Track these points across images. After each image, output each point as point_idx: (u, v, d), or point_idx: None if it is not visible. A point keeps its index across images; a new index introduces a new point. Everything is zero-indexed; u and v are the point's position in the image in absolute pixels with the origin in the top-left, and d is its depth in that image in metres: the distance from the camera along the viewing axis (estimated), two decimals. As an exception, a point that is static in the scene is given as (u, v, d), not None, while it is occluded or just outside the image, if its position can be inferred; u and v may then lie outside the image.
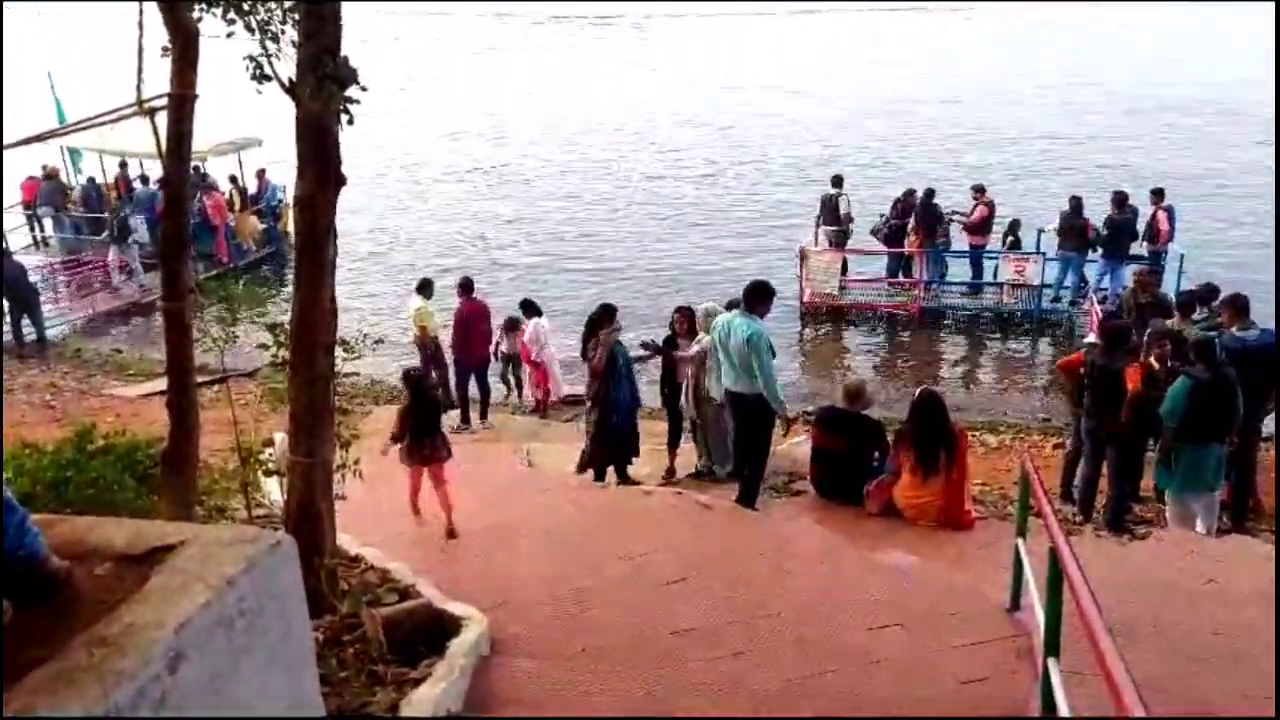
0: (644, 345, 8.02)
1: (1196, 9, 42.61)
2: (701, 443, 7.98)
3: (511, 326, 11.45)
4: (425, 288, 11.13)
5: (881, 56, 32.19)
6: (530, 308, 11.22)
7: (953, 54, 34.28)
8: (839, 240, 15.12)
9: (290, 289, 4.31)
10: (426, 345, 11.16)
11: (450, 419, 10.33)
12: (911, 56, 33.80)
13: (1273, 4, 12.79)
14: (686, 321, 8.11)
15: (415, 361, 10.41)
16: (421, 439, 6.83)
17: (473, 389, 10.83)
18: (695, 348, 7.80)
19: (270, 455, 5.39)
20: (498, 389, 11.54)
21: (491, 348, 11.19)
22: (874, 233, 15.17)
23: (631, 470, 8.13)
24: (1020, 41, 38.24)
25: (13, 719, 1.72)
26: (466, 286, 10.81)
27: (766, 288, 6.91)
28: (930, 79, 31.63)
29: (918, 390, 6.83)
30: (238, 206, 19.10)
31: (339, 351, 4.72)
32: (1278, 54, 11.44)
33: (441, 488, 6.73)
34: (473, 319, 10.62)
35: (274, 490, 6.07)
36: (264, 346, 4.97)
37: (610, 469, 8.09)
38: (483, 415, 10.57)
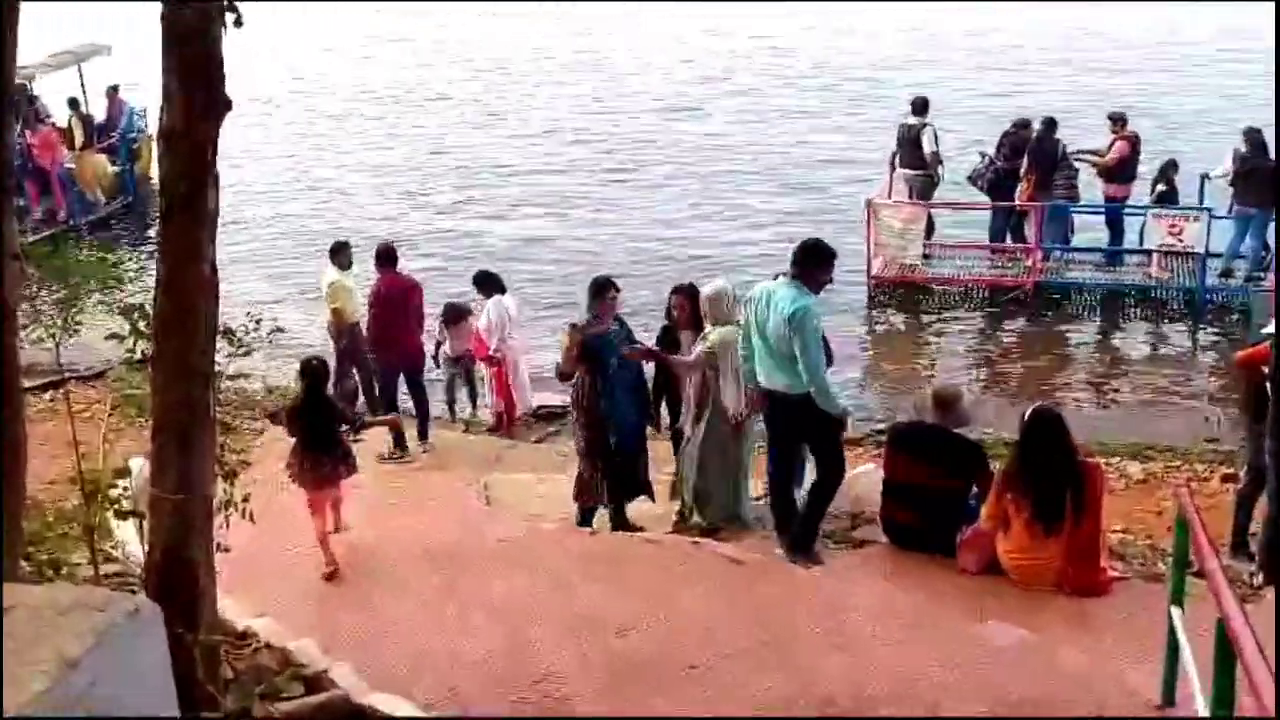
0: (627, 352, 7.83)
1: None
2: (687, 476, 7.89)
3: (455, 317, 11.51)
4: (340, 253, 11.21)
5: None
6: (489, 283, 11.21)
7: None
8: (922, 189, 15.17)
9: (154, 257, 4.33)
10: (343, 334, 11.21)
11: (375, 441, 10.36)
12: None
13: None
14: (688, 306, 7.98)
15: (330, 355, 10.45)
16: (319, 452, 7.08)
17: (405, 399, 10.91)
18: (699, 347, 7.65)
19: (125, 489, 5.40)
20: (441, 408, 11.65)
21: (430, 348, 11.30)
22: (972, 179, 15.23)
23: (633, 511, 8.15)
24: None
25: (13, 719, 1.91)
26: (386, 256, 10.65)
27: (824, 249, 6.98)
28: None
29: (1029, 408, 6.82)
30: (79, 142, 19.16)
31: (222, 345, 4.73)
32: (1278, 52, 12.52)
33: (336, 511, 7.24)
34: (398, 301, 10.52)
35: (130, 538, 6.08)
36: (117, 337, 4.98)
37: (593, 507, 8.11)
38: (421, 434, 10.58)
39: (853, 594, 6.30)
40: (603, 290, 7.84)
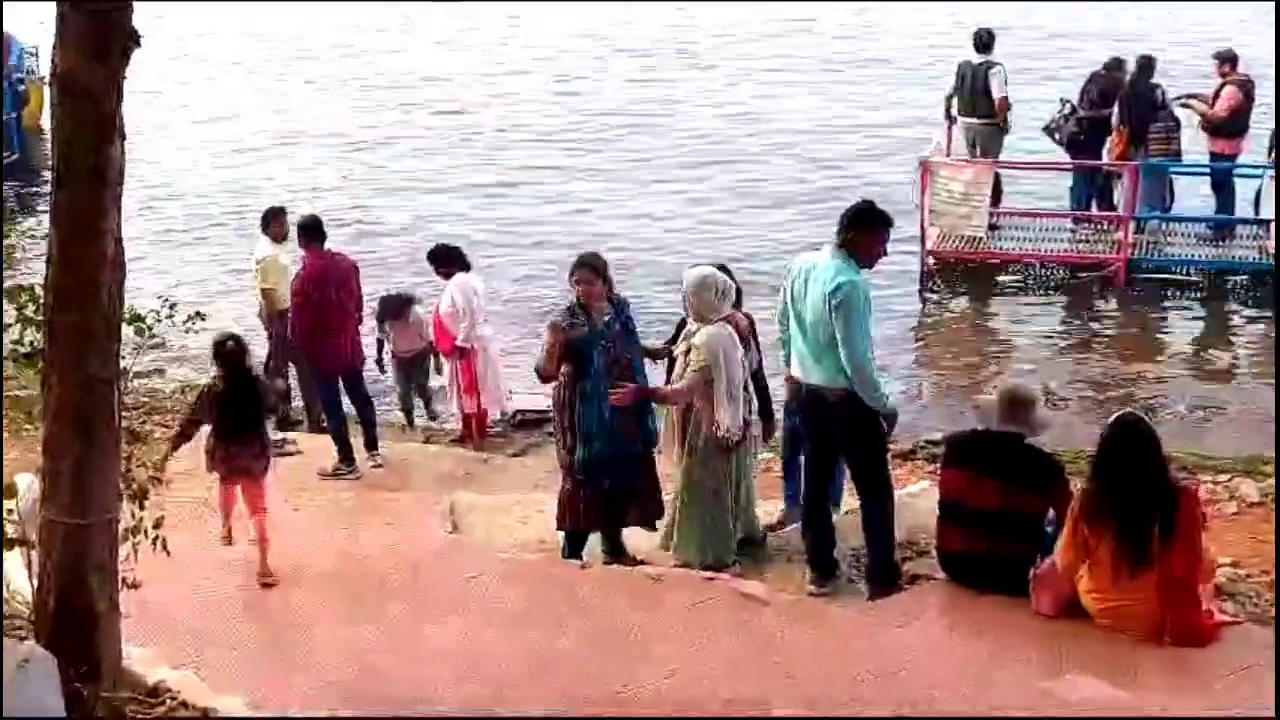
0: (614, 399, 7.74)
1: None
2: (677, 518, 7.81)
3: (397, 311, 11.48)
4: (275, 222, 11.22)
5: None
6: (448, 257, 11.17)
7: None
8: (988, 143, 15.13)
9: (44, 226, 4.34)
10: (275, 320, 11.19)
11: (317, 454, 10.38)
12: None
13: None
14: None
15: (258, 345, 10.48)
16: (233, 440, 7.57)
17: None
18: (684, 352, 7.60)
19: (10, 512, 5.40)
20: (390, 418, 11.71)
21: (373, 350, 11.33)
22: (1050, 131, 15.23)
23: (630, 539, 8.16)
24: None
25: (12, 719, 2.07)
26: (311, 230, 10.43)
27: (876, 213, 7.05)
28: None
29: (1113, 416, 6.80)
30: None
31: (128, 334, 4.73)
32: (1278, 52, 13.97)
33: (258, 515, 7.61)
34: (331, 286, 10.31)
35: (15, 571, 6.08)
36: (-2, 325, 4.98)
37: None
38: (369, 443, 10.58)
39: (903, 643, 6.30)
40: (575, 271, 7.82)
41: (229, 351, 7.52)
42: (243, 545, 7.74)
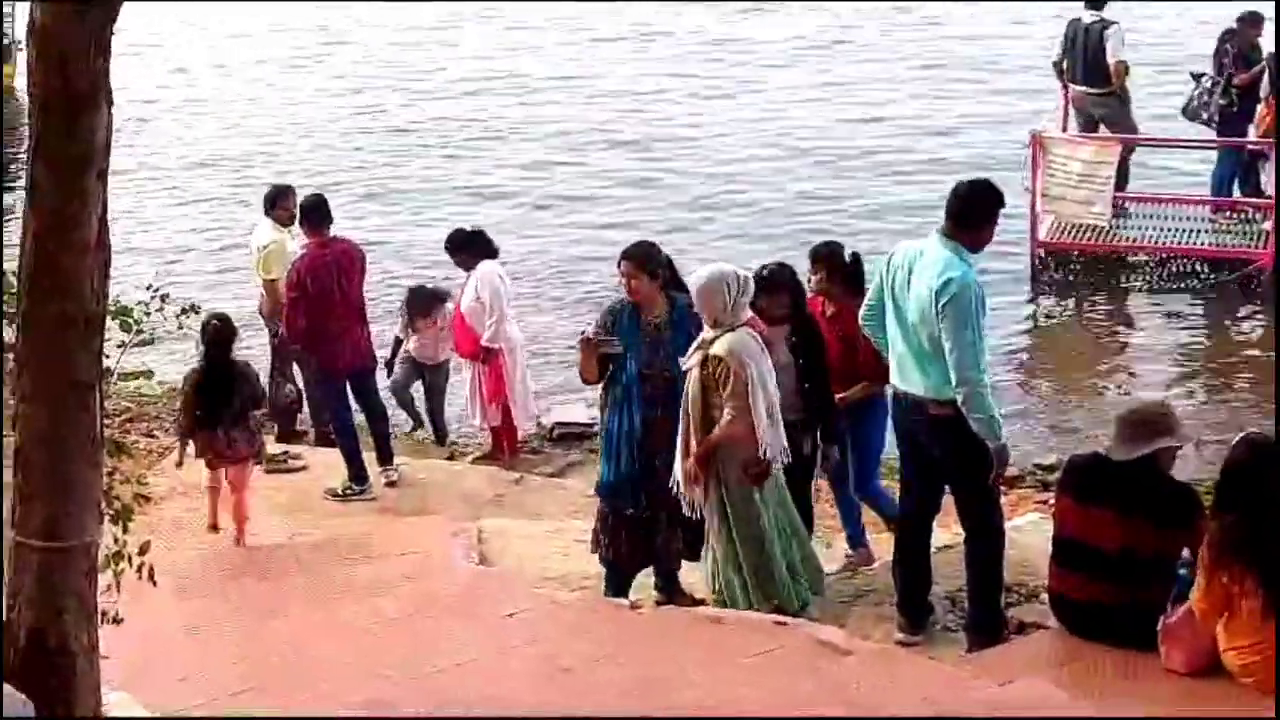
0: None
1: None
2: (714, 558, 7.71)
3: (425, 307, 11.55)
4: (280, 203, 11.32)
5: None
6: (474, 244, 11.20)
7: None
8: (1113, 115, 15.08)
9: (20, 205, 4.37)
10: (279, 315, 11.28)
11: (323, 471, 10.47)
12: None
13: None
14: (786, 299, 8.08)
15: (260, 346, 10.59)
16: (216, 425, 8.73)
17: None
18: (693, 363, 7.46)
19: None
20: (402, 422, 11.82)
21: (391, 350, 11.47)
22: (1192, 113, 15.16)
23: (689, 576, 8.17)
24: None
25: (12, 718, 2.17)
26: (315, 212, 10.60)
27: (992, 193, 7.07)
28: None
29: (1236, 439, 6.75)
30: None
31: (113, 329, 4.77)
32: (1278, 52, 14.11)
33: (239, 493, 9.01)
34: (337, 275, 10.42)
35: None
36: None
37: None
38: (383, 458, 10.66)
39: (1006, 703, 6.25)
40: (619, 263, 7.94)
41: (214, 329, 8.47)
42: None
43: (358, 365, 10.60)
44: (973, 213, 6.99)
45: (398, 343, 11.66)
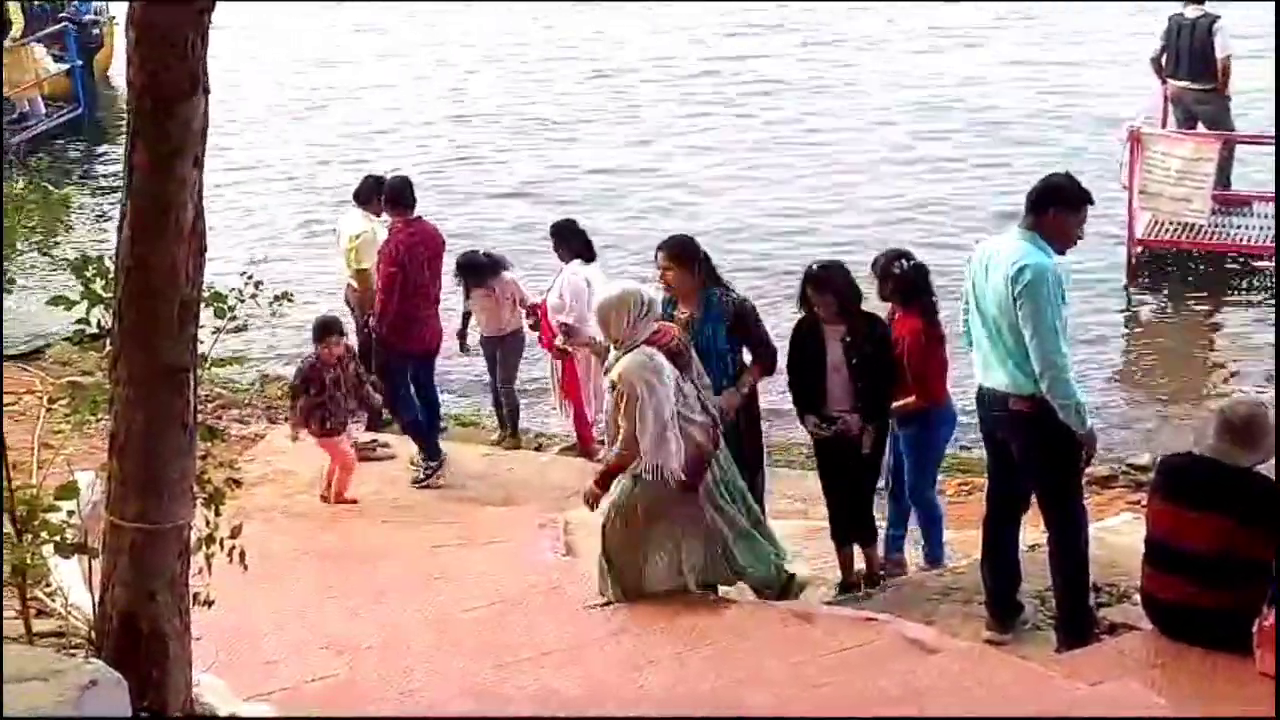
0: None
1: None
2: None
3: (477, 277, 11.27)
4: (372, 193, 11.36)
5: None
6: (572, 239, 11.22)
7: None
8: (1214, 114, 14.89)
9: (117, 190, 4.42)
10: (368, 305, 11.35)
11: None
12: None
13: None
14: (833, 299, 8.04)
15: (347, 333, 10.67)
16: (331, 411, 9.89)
17: None
18: (620, 421, 7.38)
19: (70, 516, 5.54)
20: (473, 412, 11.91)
21: (461, 322, 11.44)
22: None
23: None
24: None
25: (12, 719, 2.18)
26: (402, 194, 10.72)
27: (1073, 188, 7.03)
28: None
29: None
30: (17, 29, 19.70)
31: (208, 318, 4.81)
32: (1278, 54, 14.19)
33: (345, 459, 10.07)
34: (425, 261, 10.61)
35: (74, 582, 6.22)
36: (63, 302, 5.10)
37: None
38: (430, 452, 10.70)
39: (1095, 703, 6.20)
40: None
41: (328, 324, 9.54)
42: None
43: (430, 349, 10.77)
44: (1047, 203, 6.94)
45: (466, 316, 11.53)
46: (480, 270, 11.25)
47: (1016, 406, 6.97)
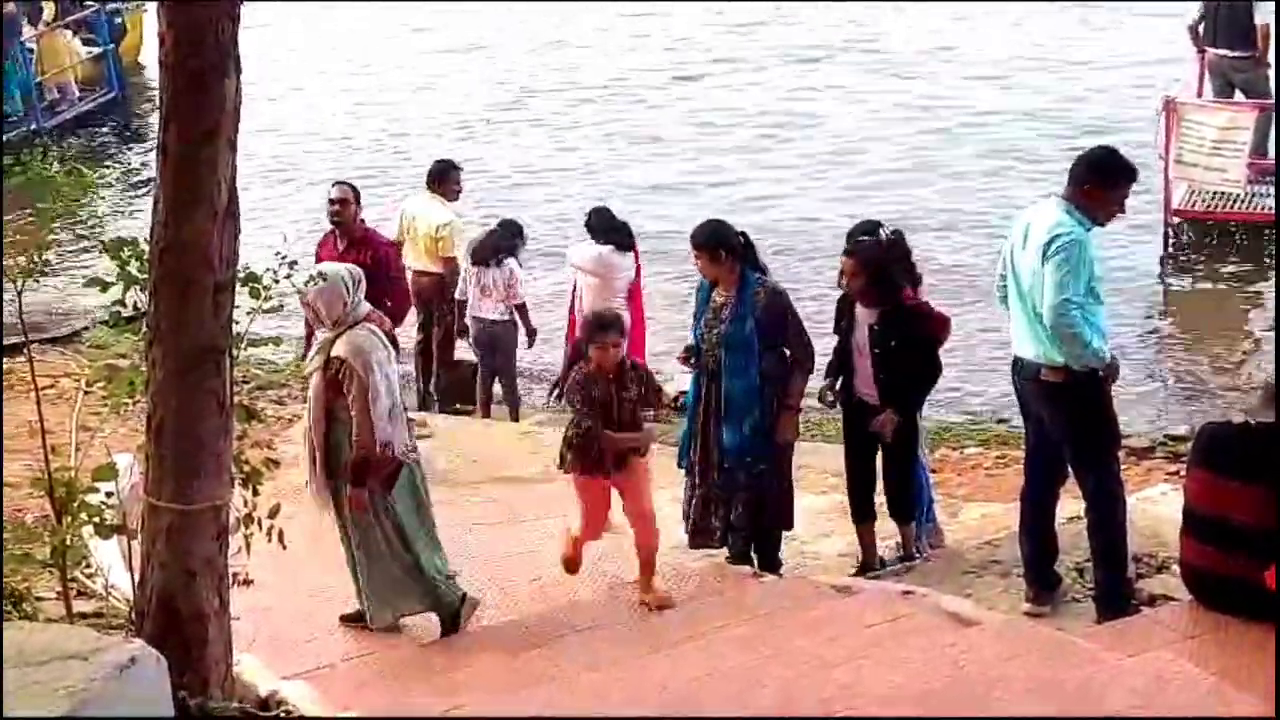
0: None
1: None
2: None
3: (492, 255, 11.29)
4: (444, 177, 11.42)
5: None
6: (611, 231, 11.18)
7: None
8: (1252, 83, 14.77)
9: (149, 173, 4.43)
10: (431, 296, 11.41)
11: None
12: None
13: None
14: (862, 273, 7.96)
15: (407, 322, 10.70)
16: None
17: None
18: (313, 366, 7.19)
19: (109, 497, 5.58)
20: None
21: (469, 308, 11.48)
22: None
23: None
24: None
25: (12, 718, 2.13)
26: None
27: (1118, 161, 7.02)
28: None
29: None
30: (49, 13, 19.80)
31: (243, 298, 4.83)
32: (1278, 49, 13.94)
33: (638, 505, 7.48)
34: None
35: (114, 562, 6.26)
36: (99, 284, 5.13)
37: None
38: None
39: (1133, 675, 6.16)
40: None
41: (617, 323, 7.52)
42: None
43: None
44: (1086, 175, 6.92)
45: (460, 307, 11.54)
46: (493, 250, 11.34)
47: (1048, 377, 6.95)
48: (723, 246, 7.93)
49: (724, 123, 19.86)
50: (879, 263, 8.01)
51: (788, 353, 7.97)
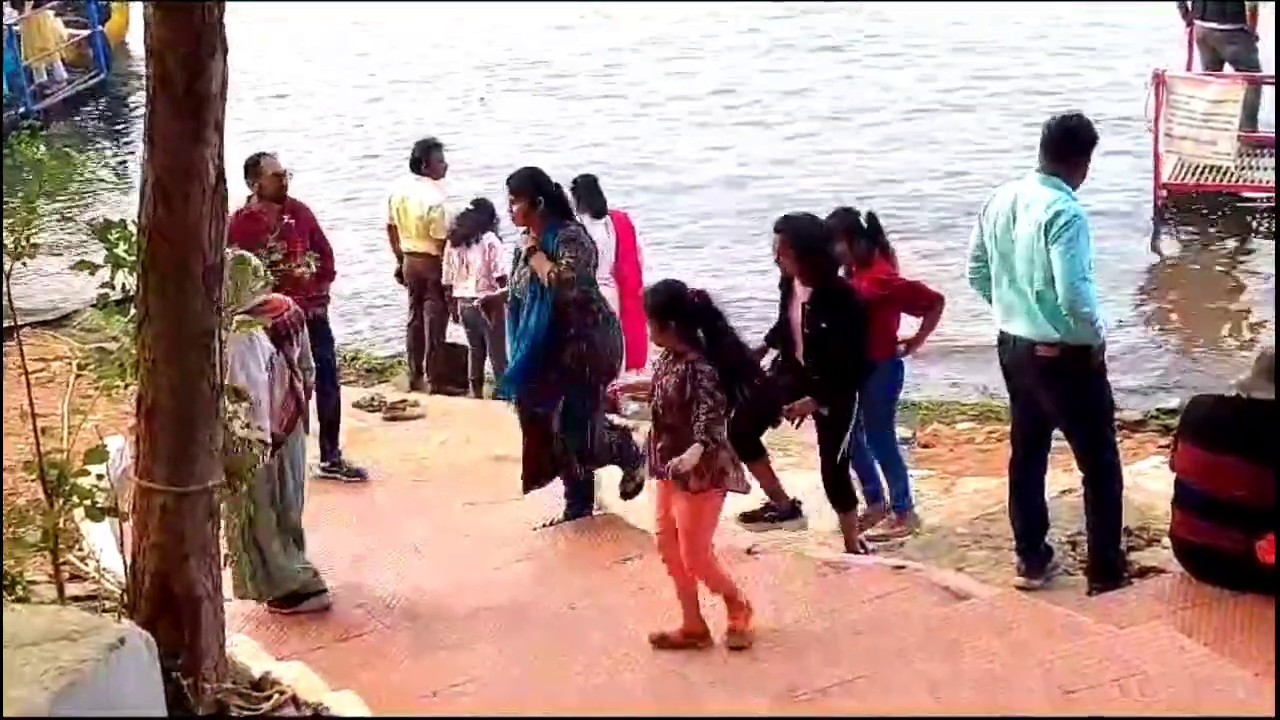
0: None
1: None
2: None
3: (469, 233, 11.30)
4: (428, 158, 11.38)
5: None
6: (589, 196, 11.15)
7: None
8: (1241, 55, 14.81)
9: (137, 155, 4.43)
10: (424, 276, 11.43)
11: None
12: None
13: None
14: (791, 251, 7.69)
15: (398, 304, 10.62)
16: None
17: None
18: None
19: (100, 479, 5.57)
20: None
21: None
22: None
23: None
24: None
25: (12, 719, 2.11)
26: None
27: (1086, 128, 6.99)
28: None
29: None
30: (30, -5, 19.79)
31: (232, 280, 4.81)
32: (1277, 54, 13.92)
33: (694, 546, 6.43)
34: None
35: (105, 545, 6.26)
36: (87, 267, 5.12)
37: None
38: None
39: (1125, 648, 6.18)
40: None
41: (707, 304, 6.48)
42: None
43: None
44: (1070, 147, 6.91)
45: (447, 290, 11.59)
46: (471, 228, 11.36)
47: (1044, 353, 6.95)
48: (538, 191, 7.96)
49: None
50: (807, 240, 7.72)
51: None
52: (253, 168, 9.43)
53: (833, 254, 7.82)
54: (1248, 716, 5.35)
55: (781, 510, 8.12)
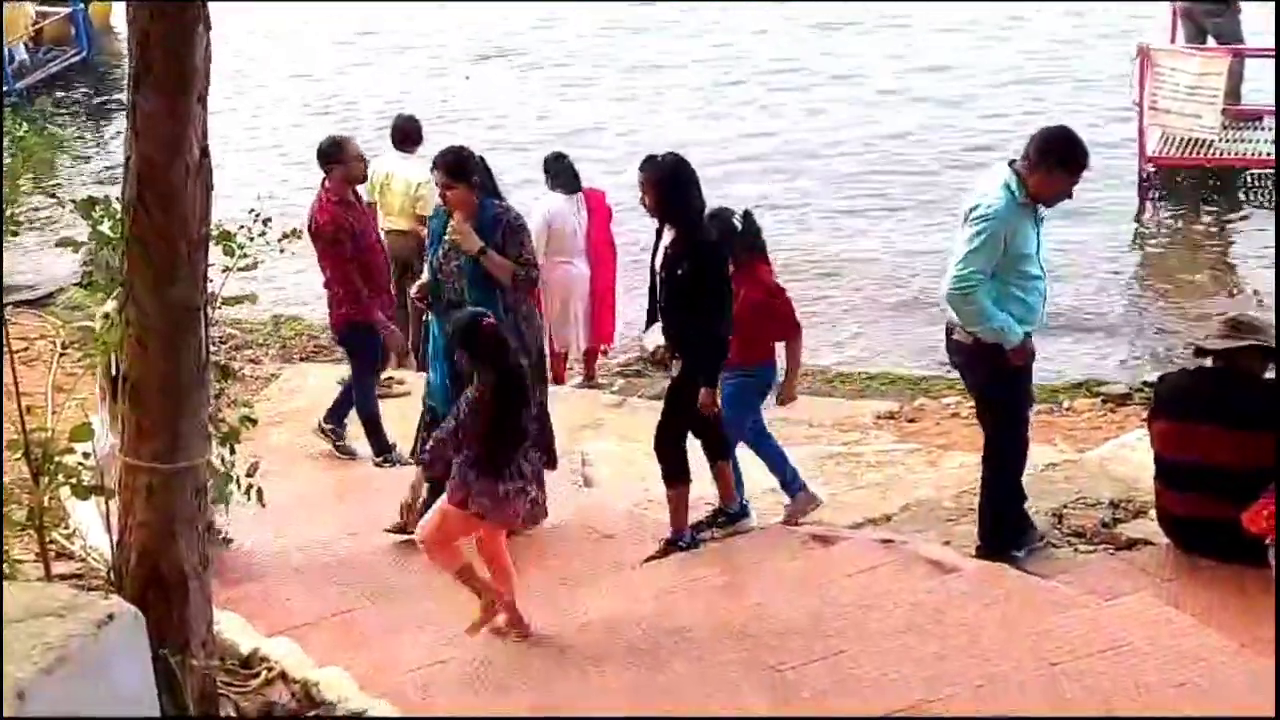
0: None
1: None
2: None
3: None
4: (411, 137, 11.32)
5: None
6: (555, 170, 11.24)
7: None
8: (1224, 29, 14.84)
9: (120, 132, 4.41)
10: (409, 255, 11.30)
11: None
12: None
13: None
14: (654, 191, 7.45)
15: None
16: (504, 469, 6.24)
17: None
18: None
19: (85, 458, 5.57)
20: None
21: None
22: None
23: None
24: None
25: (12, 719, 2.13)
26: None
27: (1073, 144, 6.90)
28: None
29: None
30: (11, -25, 19.69)
31: (217, 255, 4.81)
32: (1277, 52, 13.84)
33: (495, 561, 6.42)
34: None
35: (91, 523, 6.25)
36: (70, 244, 5.11)
37: None
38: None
39: (1112, 621, 6.20)
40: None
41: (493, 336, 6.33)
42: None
43: None
44: (1040, 154, 6.82)
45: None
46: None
47: (959, 337, 7.01)
48: (471, 170, 7.77)
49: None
50: (671, 180, 7.43)
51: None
52: (337, 152, 9.31)
53: (698, 199, 7.44)
54: (1250, 717, 5.34)
55: (731, 513, 7.83)
